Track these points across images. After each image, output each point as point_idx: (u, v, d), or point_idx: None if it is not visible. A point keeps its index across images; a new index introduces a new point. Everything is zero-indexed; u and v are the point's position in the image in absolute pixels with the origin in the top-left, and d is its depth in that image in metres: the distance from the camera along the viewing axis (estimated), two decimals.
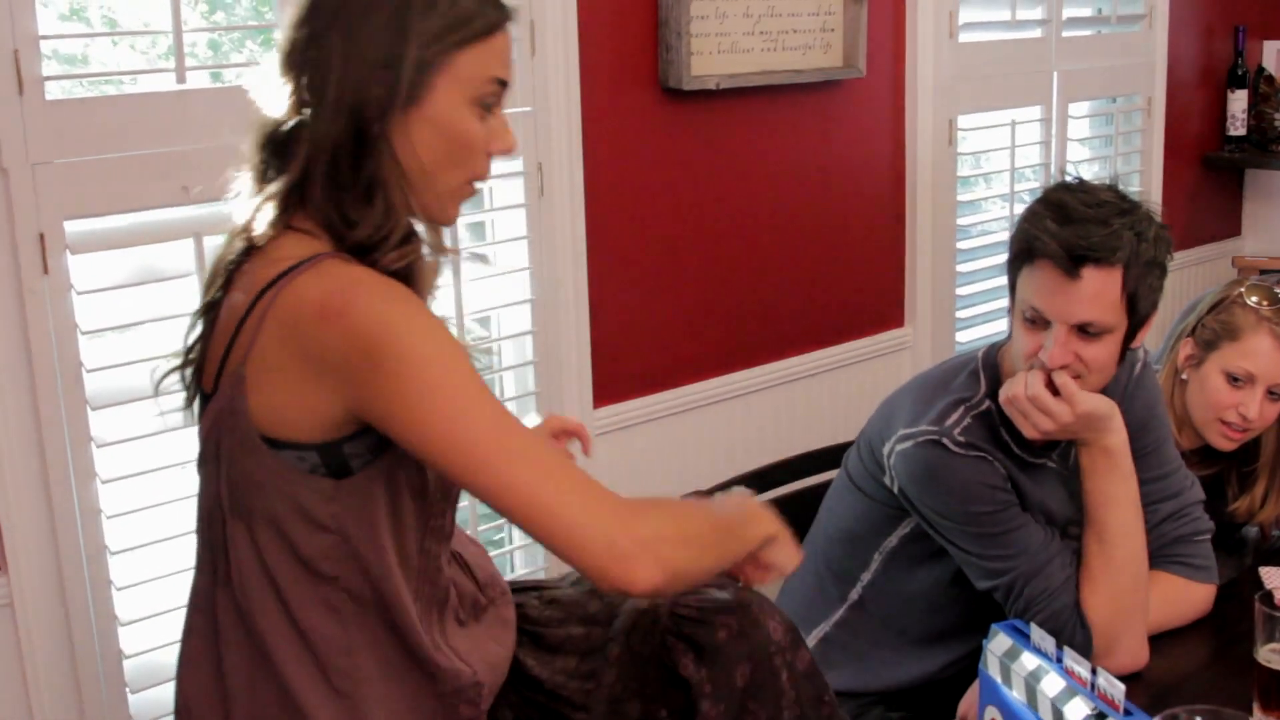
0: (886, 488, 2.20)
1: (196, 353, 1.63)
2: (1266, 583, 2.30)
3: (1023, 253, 2.06)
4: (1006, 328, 2.17)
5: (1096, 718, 1.64)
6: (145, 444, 2.27)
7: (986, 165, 3.90)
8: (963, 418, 2.12)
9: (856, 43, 3.26)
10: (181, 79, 2.24)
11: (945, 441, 2.09)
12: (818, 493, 2.47)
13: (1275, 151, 4.61)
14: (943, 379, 2.23)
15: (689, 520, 1.62)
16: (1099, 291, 2.00)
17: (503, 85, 1.61)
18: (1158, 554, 2.19)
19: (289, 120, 1.57)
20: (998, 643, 1.82)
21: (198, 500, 1.65)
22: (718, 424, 3.21)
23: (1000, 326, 3.86)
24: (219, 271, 1.63)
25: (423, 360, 1.46)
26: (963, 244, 3.75)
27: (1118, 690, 1.63)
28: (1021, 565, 2.06)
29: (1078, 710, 1.66)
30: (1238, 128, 4.66)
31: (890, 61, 3.48)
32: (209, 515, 1.62)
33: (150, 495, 2.29)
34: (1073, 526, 2.18)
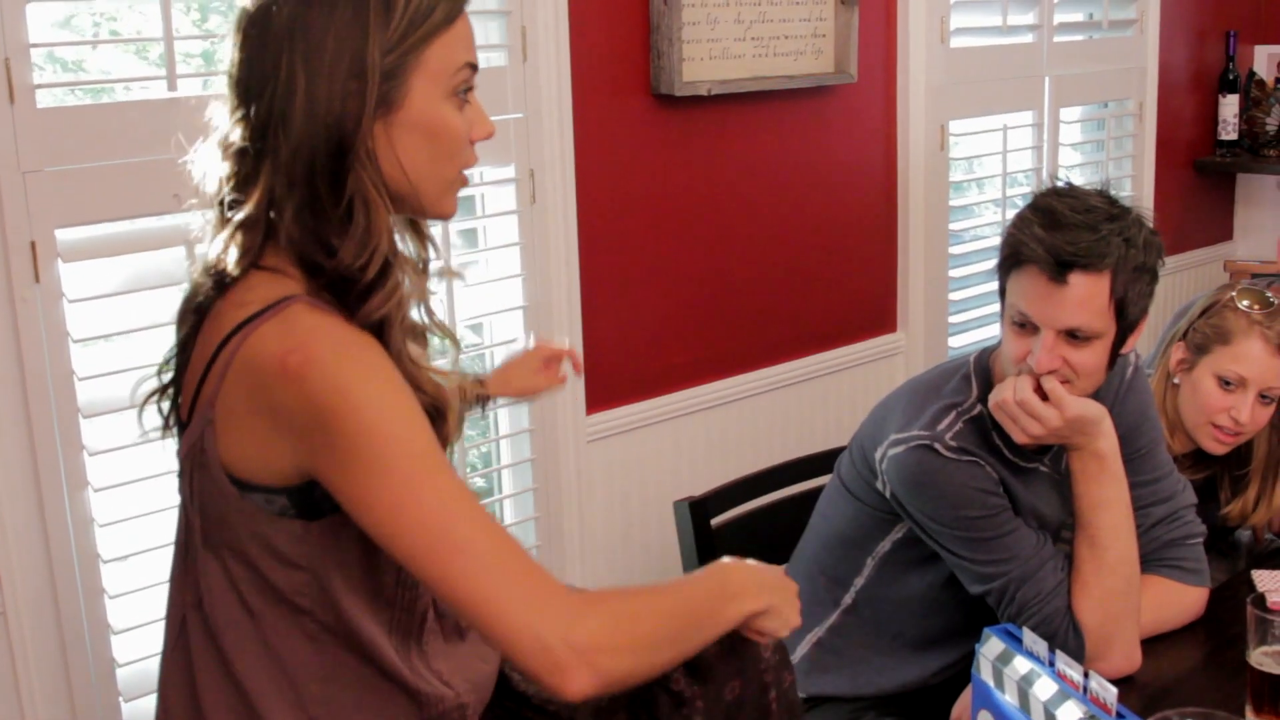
0: (879, 492, 2.20)
1: (172, 381, 1.60)
2: (1259, 586, 2.30)
3: (1011, 258, 2.06)
4: (998, 333, 2.17)
5: None
6: (137, 452, 2.26)
7: (979, 170, 3.91)
8: (954, 422, 2.13)
9: (848, 48, 3.27)
10: (173, 86, 2.24)
11: (937, 446, 2.09)
12: (810, 498, 2.47)
13: (1267, 156, 4.62)
14: (935, 384, 2.23)
15: (639, 622, 1.50)
16: (1086, 297, 2.00)
17: (473, 69, 1.56)
18: (1150, 558, 2.19)
19: (248, 149, 1.50)
20: (990, 647, 1.82)
21: (177, 517, 1.62)
22: (710, 429, 3.21)
23: (992, 331, 3.85)
24: (190, 309, 1.57)
25: (376, 438, 1.40)
26: (955, 249, 3.76)
27: (1110, 694, 1.63)
28: (1014, 570, 2.07)
29: (1070, 714, 1.66)
30: (1229, 132, 4.67)
31: (882, 67, 3.48)
32: (185, 538, 1.59)
33: (142, 503, 2.28)
34: (1065, 530, 2.19)
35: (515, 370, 2.24)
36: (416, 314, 1.59)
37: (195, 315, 1.55)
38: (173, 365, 1.60)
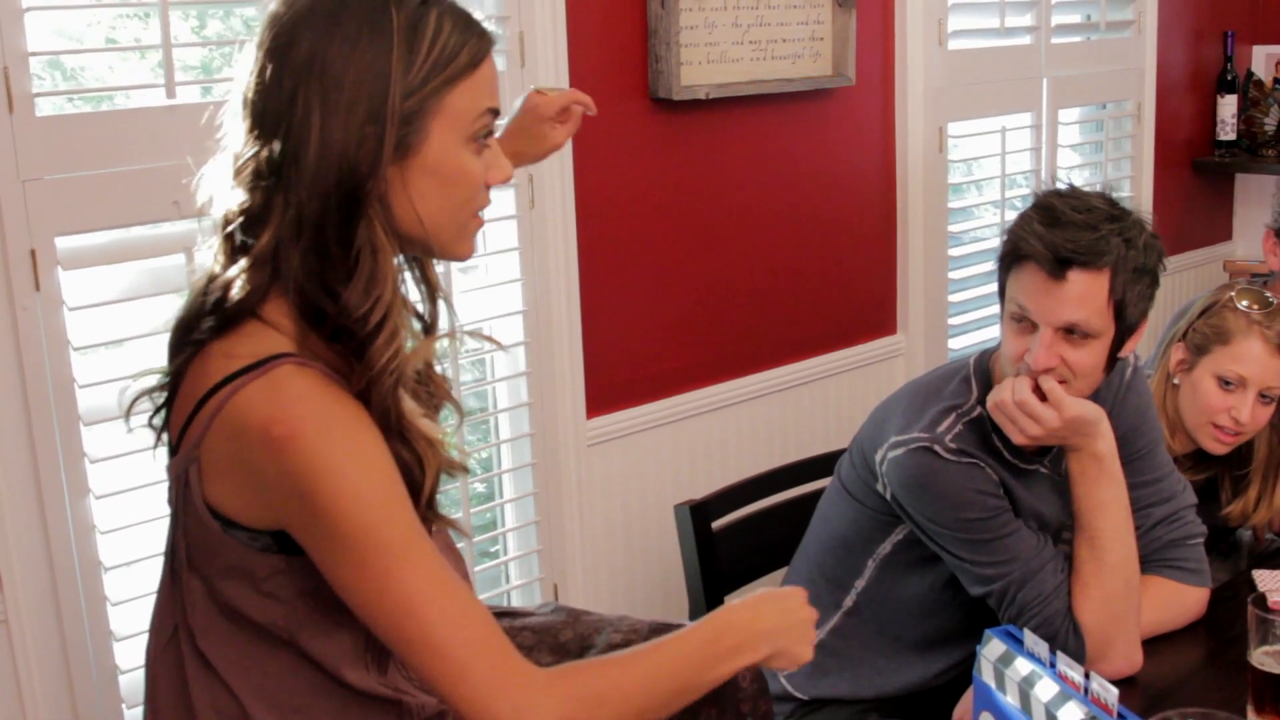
0: (879, 494, 2.20)
1: (165, 402, 1.57)
2: (1260, 586, 2.31)
3: (1010, 254, 2.07)
4: (998, 335, 2.17)
5: None
6: (138, 459, 2.27)
7: (977, 172, 3.91)
8: (954, 424, 2.13)
9: (846, 51, 3.27)
10: (171, 94, 2.25)
11: (937, 448, 2.09)
12: (811, 500, 2.47)
13: (1265, 156, 4.62)
14: (935, 386, 2.23)
15: (605, 706, 1.50)
16: (1084, 294, 2.00)
17: (495, 114, 1.52)
18: (1151, 558, 2.19)
19: (262, 181, 1.45)
20: (991, 648, 1.82)
21: (169, 524, 1.61)
22: (711, 433, 3.21)
23: (992, 334, 3.86)
24: (186, 339, 1.52)
25: (352, 527, 1.40)
26: (954, 251, 3.76)
27: (1111, 694, 1.63)
28: (1014, 571, 2.07)
29: (1071, 715, 1.66)
30: (1227, 132, 4.67)
31: (880, 69, 3.48)
32: (172, 554, 1.58)
33: (143, 511, 2.29)
34: (1065, 532, 2.19)
35: (523, 138, 2.08)
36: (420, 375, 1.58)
37: (192, 349, 1.51)
38: (165, 385, 1.57)
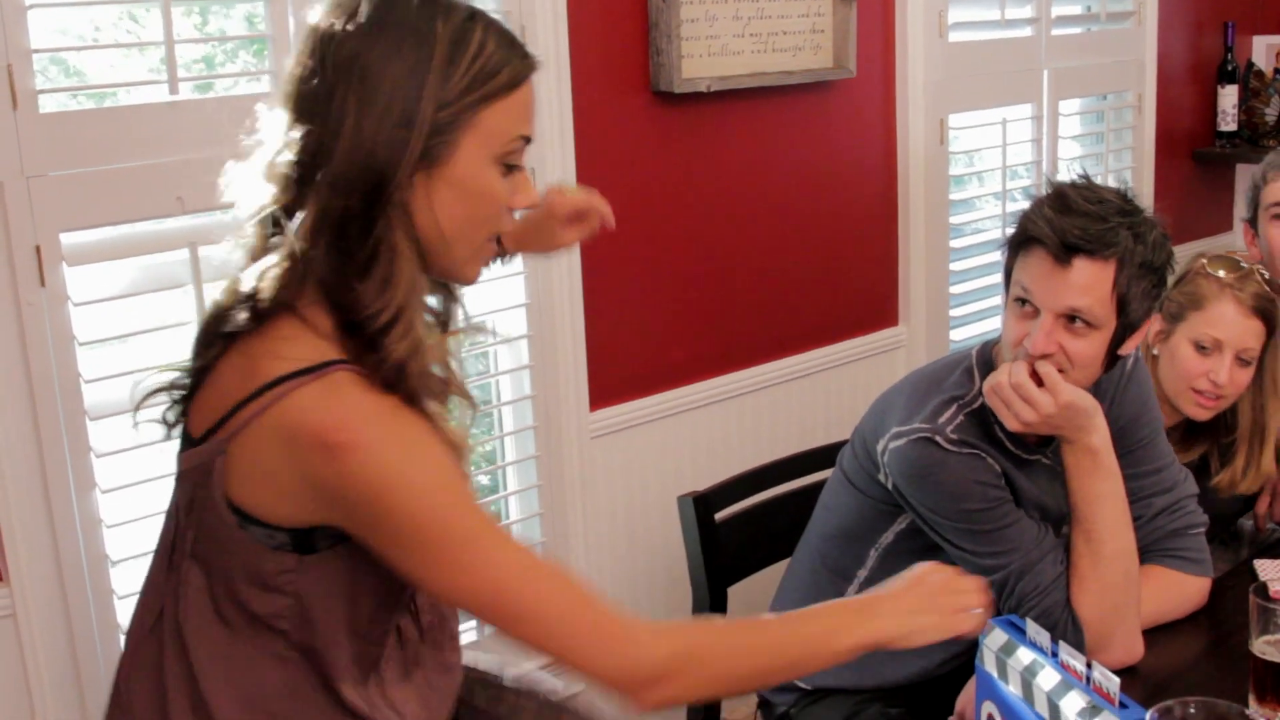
0: (881, 485, 2.21)
1: (184, 396, 1.57)
2: (1261, 575, 2.31)
3: (1019, 237, 2.08)
4: (1000, 325, 2.18)
5: (1091, 711, 1.65)
6: (144, 454, 2.28)
7: (978, 164, 3.91)
8: (956, 415, 2.13)
9: (846, 43, 3.28)
10: (174, 90, 2.26)
11: (938, 439, 2.10)
12: (814, 492, 2.48)
13: (1266, 146, 4.61)
14: (936, 376, 2.24)
15: (710, 664, 1.57)
16: (1089, 283, 2.01)
17: (526, 141, 1.54)
18: (1152, 548, 2.20)
19: (295, 179, 1.47)
20: (994, 638, 1.82)
21: (166, 515, 1.62)
22: (714, 425, 3.22)
23: (994, 325, 3.87)
24: (217, 334, 1.52)
25: (424, 525, 1.43)
26: (955, 242, 3.77)
27: (1113, 683, 1.64)
28: (1014, 562, 2.07)
29: (1073, 704, 1.67)
30: (1228, 123, 4.67)
31: (880, 61, 3.49)
32: (172, 540, 1.59)
33: (149, 505, 2.30)
34: (1067, 523, 2.19)
35: (532, 232, 2.03)
36: (437, 371, 1.58)
37: (224, 341, 1.51)
38: (185, 378, 1.57)
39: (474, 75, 1.46)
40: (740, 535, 2.55)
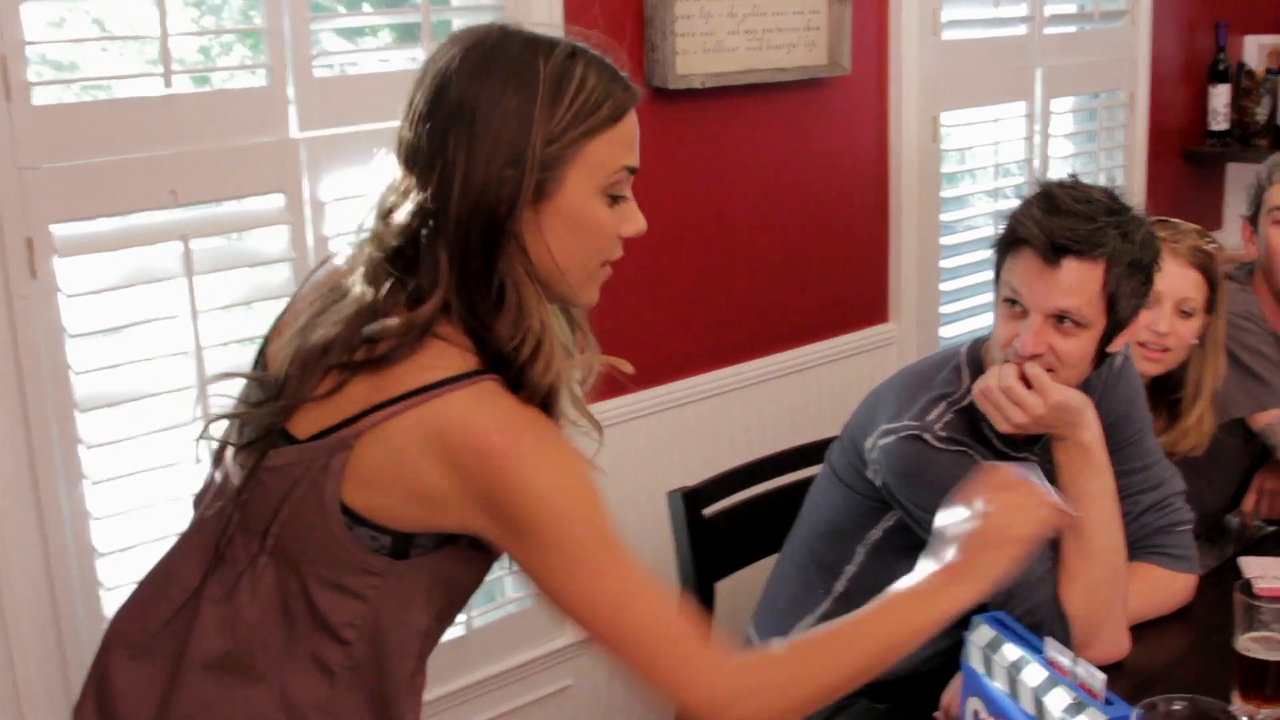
0: (869, 481, 2.22)
1: (283, 401, 1.55)
2: (1246, 572, 2.32)
3: (1008, 238, 2.09)
4: (990, 323, 2.19)
5: (1077, 707, 1.66)
6: (133, 446, 2.28)
7: (970, 161, 3.92)
8: (945, 412, 2.14)
9: (841, 41, 3.28)
10: (169, 83, 2.25)
11: (927, 436, 2.11)
12: (803, 487, 2.49)
13: (1257, 146, 4.62)
14: (926, 374, 2.24)
15: (789, 691, 1.61)
16: (1078, 283, 2.01)
17: (631, 172, 1.59)
18: (1139, 545, 2.21)
19: (413, 223, 1.52)
20: (980, 634, 1.83)
21: (217, 503, 1.61)
22: (703, 420, 3.22)
23: (984, 322, 3.86)
24: (326, 365, 1.52)
25: (568, 533, 1.49)
26: (947, 240, 3.77)
27: (1098, 680, 1.65)
28: None
29: (1059, 700, 1.68)
30: (1220, 122, 4.67)
31: (874, 59, 3.49)
32: (227, 529, 1.59)
33: (138, 498, 2.30)
34: None
35: None
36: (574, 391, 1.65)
37: (342, 373, 1.51)
38: (271, 392, 1.57)
39: (577, 111, 1.51)
40: (729, 531, 2.55)
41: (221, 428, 1.63)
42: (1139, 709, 1.65)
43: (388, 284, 1.53)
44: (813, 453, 2.66)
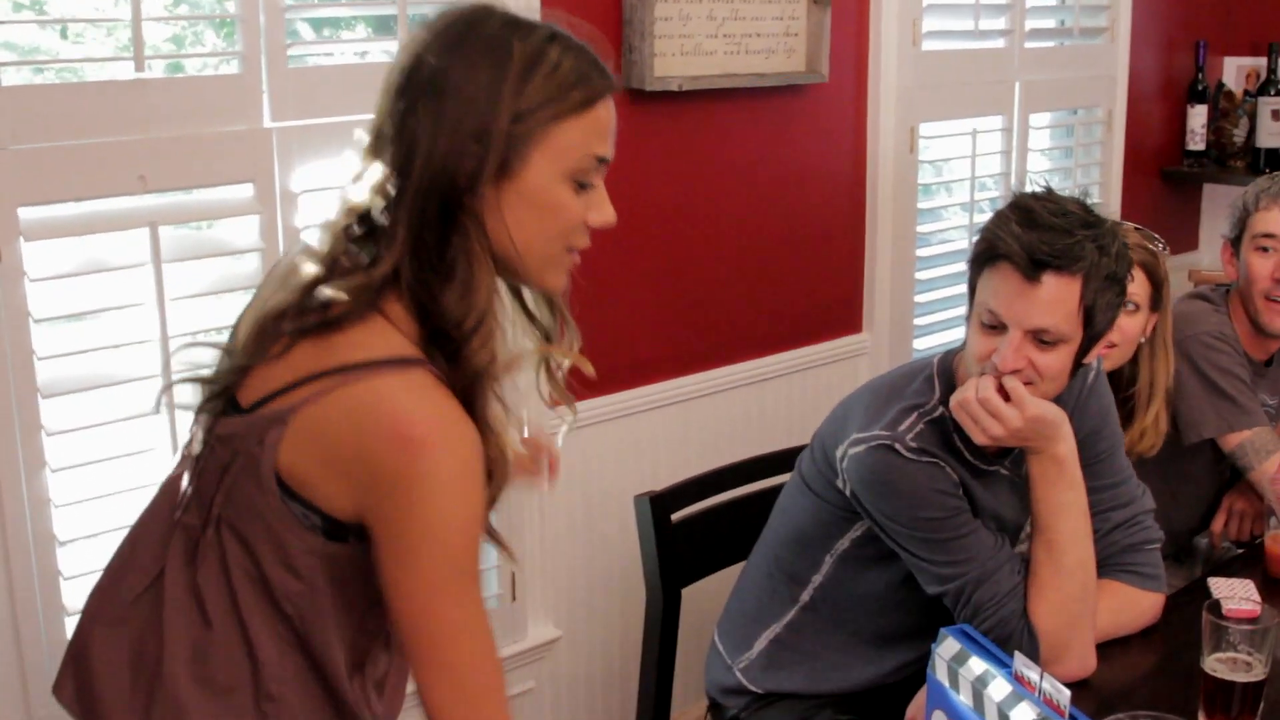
0: (839, 490, 2.20)
1: (231, 371, 1.58)
2: (1215, 593, 2.31)
3: (985, 253, 2.07)
4: (963, 336, 2.18)
5: None
6: (95, 433, 2.25)
7: (947, 174, 3.92)
8: (916, 423, 2.13)
9: (820, 48, 3.27)
10: (140, 67, 2.23)
11: (897, 446, 2.09)
12: (772, 495, 2.48)
13: (1234, 167, 4.64)
14: (897, 384, 2.23)
15: None
16: (1057, 299, 2.00)
17: (602, 162, 1.57)
18: (1107, 562, 2.20)
19: (375, 192, 1.53)
20: (946, 647, 1.82)
21: (177, 477, 1.63)
22: (673, 424, 3.21)
23: (957, 335, 3.86)
24: (278, 331, 1.54)
25: (433, 537, 1.47)
26: (922, 252, 3.77)
27: (1064, 696, 1.63)
28: (970, 571, 2.07)
29: (1024, 715, 1.66)
30: (1197, 142, 4.69)
31: (853, 67, 3.49)
32: (189, 503, 1.60)
33: (100, 485, 2.27)
34: (1024, 534, 2.19)
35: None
36: (540, 386, 1.68)
37: (292, 338, 1.52)
38: (228, 360, 1.60)
39: (548, 92, 1.51)
40: (696, 537, 2.54)
41: (186, 393, 1.63)
42: None
43: (345, 252, 1.54)
44: (782, 461, 2.64)
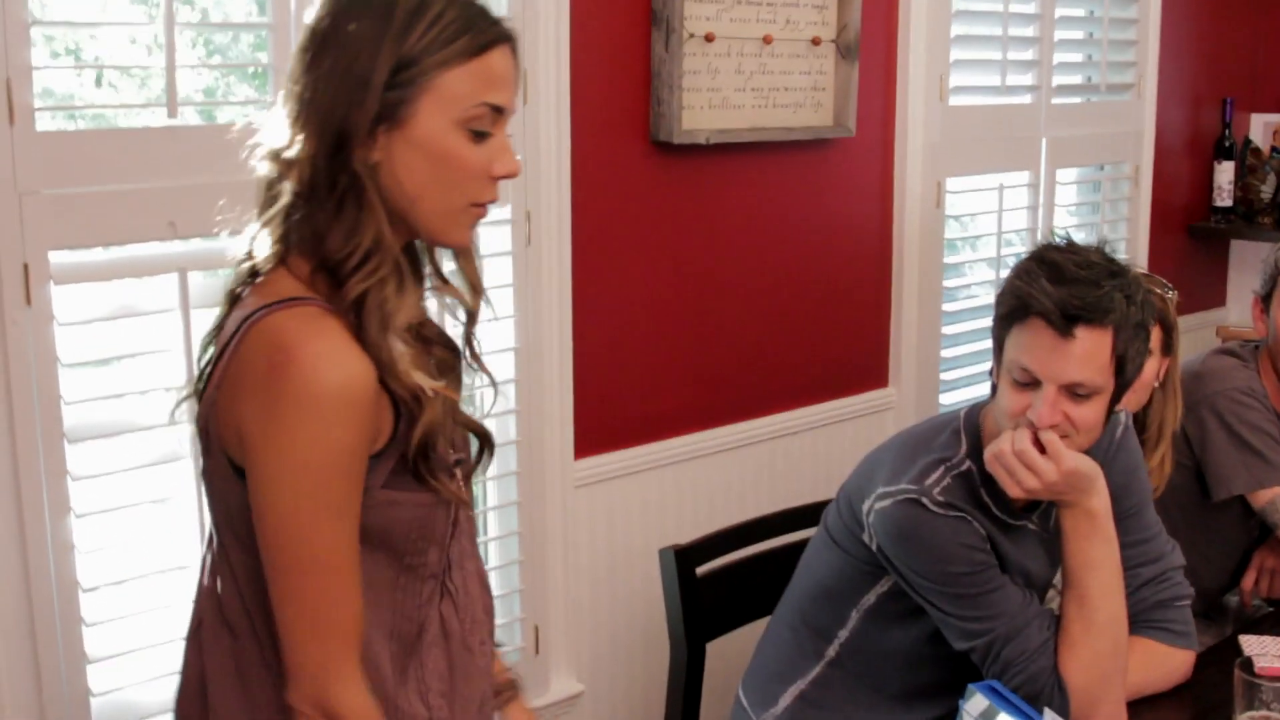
0: (865, 545, 2.19)
1: (205, 378, 1.61)
2: (1246, 650, 2.30)
3: (1015, 310, 2.05)
4: (990, 391, 2.17)
5: None
6: (121, 479, 2.25)
7: (973, 229, 3.91)
8: (943, 477, 2.12)
9: (847, 102, 3.28)
10: (173, 114, 2.24)
11: (925, 501, 2.08)
12: (797, 550, 2.46)
13: (1261, 223, 4.63)
14: (924, 438, 2.22)
15: None
16: (1090, 352, 1.99)
17: (496, 110, 1.57)
18: (1138, 619, 2.18)
19: (285, 149, 1.55)
20: (974, 703, 1.80)
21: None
22: (698, 479, 3.20)
23: (984, 389, 3.85)
24: (226, 297, 1.62)
25: (292, 455, 1.46)
26: (948, 306, 3.76)
27: None
28: (999, 627, 2.05)
29: None
30: (1224, 198, 4.68)
31: (880, 122, 3.49)
32: (214, 521, 1.63)
33: (125, 531, 2.27)
34: (1052, 589, 2.18)
35: None
36: (468, 346, 1.69)
37: (229, 301, 1.61)
38: (209, 351, 1.64)
39: (431, 40, 1.52)
40: (721, 591, 2.53)
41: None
42: None
43: (266, 211, 1.58)
44: (808, 515, 2.63)
